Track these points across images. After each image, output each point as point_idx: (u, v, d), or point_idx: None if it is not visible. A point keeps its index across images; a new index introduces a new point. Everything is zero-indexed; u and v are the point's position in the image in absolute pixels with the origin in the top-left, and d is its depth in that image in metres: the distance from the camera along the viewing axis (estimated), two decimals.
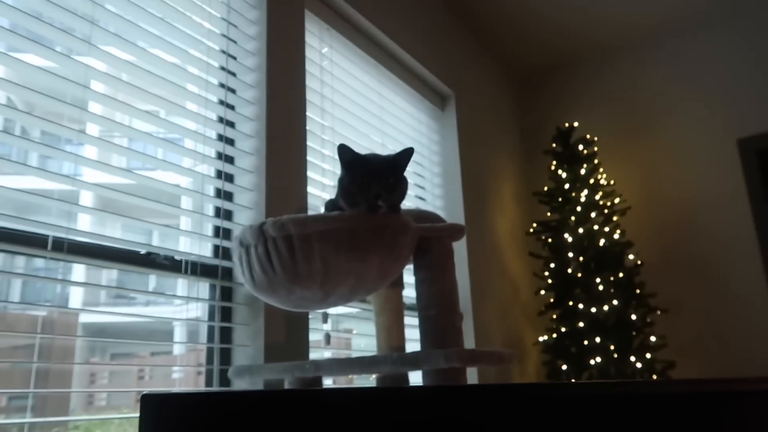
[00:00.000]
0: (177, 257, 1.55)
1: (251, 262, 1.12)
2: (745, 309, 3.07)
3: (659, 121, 3.51)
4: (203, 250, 1.65)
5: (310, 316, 1.81)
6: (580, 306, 2.85)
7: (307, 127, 2.01)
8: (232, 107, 1.83)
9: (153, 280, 1.82)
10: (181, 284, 1.69)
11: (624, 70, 3.69)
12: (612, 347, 2.75)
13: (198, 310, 1.67)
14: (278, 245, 1.09)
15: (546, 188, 3.23)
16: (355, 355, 1.25)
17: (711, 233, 3.22)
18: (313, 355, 1.83)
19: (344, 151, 1.19)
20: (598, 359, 2.73)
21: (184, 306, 1.66)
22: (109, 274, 1.61)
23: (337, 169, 2.16)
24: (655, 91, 3.56)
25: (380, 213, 1.14)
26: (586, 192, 3.07)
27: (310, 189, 1.97)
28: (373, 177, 1.14)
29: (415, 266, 1.32)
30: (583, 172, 3.12)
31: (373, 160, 1.20)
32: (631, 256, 2.98)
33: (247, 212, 1.74)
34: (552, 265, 3.02)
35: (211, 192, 1.75)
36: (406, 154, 1.21)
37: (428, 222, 1.37)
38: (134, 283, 1.65)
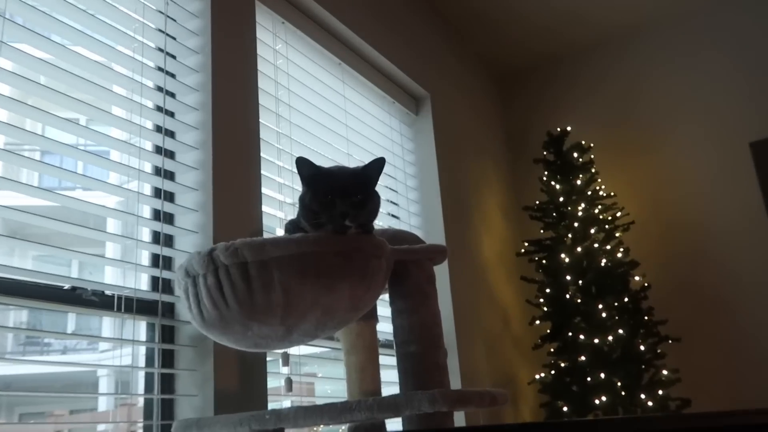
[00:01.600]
0: (108, 292, 1.53)
1: (199, 295, 1.12)
2: (767, 336, 3.15)
3: (663, 124, 3.62)
4: (139, 282, 1.63)
5: (267, 358, 1.80)
6: (581, 337, 2.89)
7: (261, 136, 2.02)
8: (171, 114, 1.82)
9: (71, 321, 1.79)
10: (109, 325, 1.66)
11: (623, 68, 3.80)
12: (619, 383, 2.79)
13: (130, 356, 1.65)
14: (231, 274, 1.08)
15: (538, 202, 3.28)
16: (321, 402, 1.25)
17: (726, 248, 3.31)
18: (273, 404, 1.81)
19: (303, 165, 1.20)
20: (604, 398, 2.76)
21: (111, 351, 1.63)
22: (18, 316, 1.58)
23: (297, 184, 2.16)
24: (658, 92, 3.67)
25: (349, 234, 1.15)
26: (583, 205, 3.13)
27: (265, 208, 1.97)
28: (338, 193, 1.15)
29: (391, 295, 1.33)
30: (579, 182, 3.19)
31: (337, 173, 1.21)
32: (637, 278, 3.04)
33: (191, 237, 1.73)
34: (547, 291, 3.06)
35: (147, 213, 1.74)
36: (377, 165, 1.23)
37: (405, 243, 1.38)
38: (48, 325, 1.62)
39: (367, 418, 1.14)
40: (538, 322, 3.06)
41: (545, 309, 3.05)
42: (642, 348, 2.85)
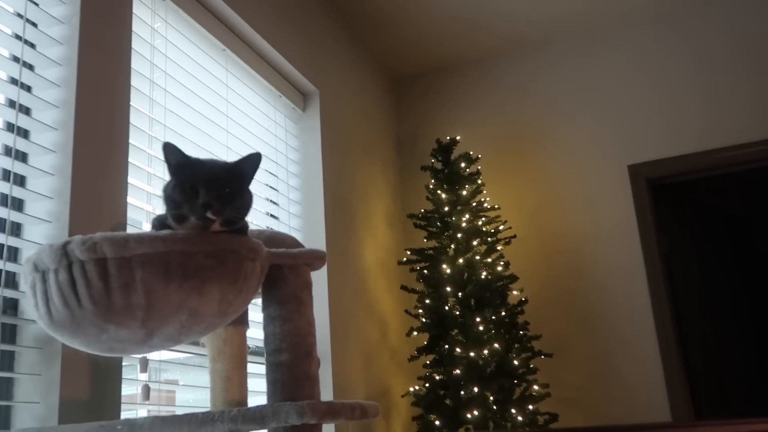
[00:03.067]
0: None
1: (48, 292, 1.07)
2: (634, 352, 3.41)
3: (548, 139, 3.83)
4: None
5: (124, 363, 1.74)
6: (458, 350, 2.99)
7: (132, 121, 1.95)
8: (27, 88, 1.72)
9: None
10: None
11: (513, 79, 3.99)
12: (491, 398, 2.91)
13: None
14: (87, 271, 1.04)
15: (423, 210, 3.36)
16: (181, 412, 1.22)
17: (601, 267, 3.56)
18: (127, 413, 1.75)
19: (170, 151, 1.17)
20: (476, 412, 2.87)
21: None
22: None
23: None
24: (544, 104, 3.88)
25: (213, 230, 1.13)
26: (467, 216, 3.24)
27: (131, 199, 1.90)
28: (203, 183, 1.12)
29: (265, 301, 1.33)
30: (465, 193, 3.30)
31: (206, 163, 1.19)
32: (515, 292, 3.19)
33: (42, 226, 1.65)
34: (427, 301, 3.14)
35: None
36: (252, 161, 1.21)
37: (282, 246, 1.38)
38: None
39: (231, 430, 1.13)
40: (415, 333, 3.14)
41: (424, 320, 3.13)
42: (516, 363, 2.98)
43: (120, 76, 1.91)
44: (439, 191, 3.33)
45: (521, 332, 3.09)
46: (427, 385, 3.06)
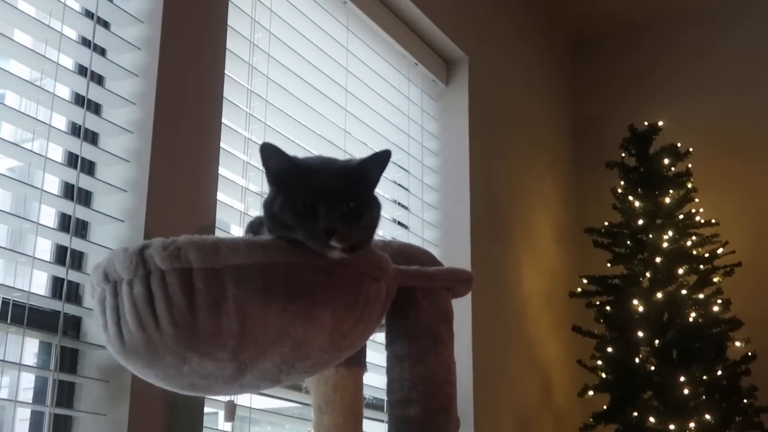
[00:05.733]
0: None
1: (120, 309, 1.13)
2: None
3: None
4: (33, 284, 1.64)
5: (205, 409, 1.81)
6: (651, 420, 2.90)
7: (226, 95, 2.03)
8: (101, 51, 1.84)
9: None
10: None
11: (742, 42, 3.82)
12: None
13: (7, 386, 1.66)
14: (168, 284, 1.10)
15: (607, 223, 3.29)
16: None
17: None
18: None
19: (271, 154, 1.20)
20: None
21: None
22: None
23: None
24: None
25: (332, 257, 1.16)
26: (671, 233, 3.14)
27: (221, 196, 1.98)
28: (321, 199, 1.15)
29: (390, 334, 1.34)
30: (668, 201, 3.20)
31: (320, 169, 1.21)
32: (738, 343, 3.05)
33: (113, 226, 1.75)
34: (609, 350, 3.07)
35: (55, 188, 1.76)
36: (379, 160, 1.24)
37: (414, 263, 1.40)
38: None
39: None
40: (591, 393, 3.07)
41: (604, 376, 3.06)
42: None
43: (213, 37, 1.99)
44: (630, 197, 3.25)
45: (745, 400, 2.95)
46: None
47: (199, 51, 1.95)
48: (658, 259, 3.11)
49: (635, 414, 2.96)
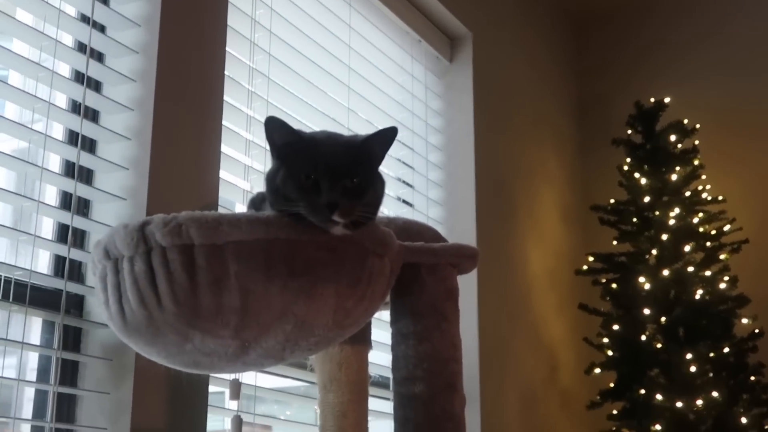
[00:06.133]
0: None
1: (122, 287, 1.13)
2: None
3: None
4: (36, 263, 1.64)
5: (211, 388, 1.81)
6: (658, 397, 2.90)
7: (227, 71, 2.02)
8: (100, 27, 1.83)
9: None
10: None
11: (751, 18, 3.79)
12: None
13: (14, 367, 1.66)
14: (170, 261, 1.09)
15: (613, 200, 3.28)
16: None
17: None
18: None
19: (275, 128, 1.20)
20: None
21: None
22: None
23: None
24: None
25: (334, 232, 1.16)
26: (677, 210, 3.13)
27: (224, 173, 1.98)
28: (324, 173, 1.15)
29: (395, 312, 1.34)
30: (674, 177, 3.19)
31: (325, 143, 1.21)
32: (744, 320, 3.05)
33: (115, 204, 1.74)
34: (615, 327, 3.07)
35: (56, 166, 1.75)
36: (385, 137, 1.23)
37: (419, 240, 1.39)
38: None
39: None
40: (598, 370, 3.07)
41: (610, 353, 3.06)
42: (743, 420, 2.85)
43: (214, 12, 1.98)
44: (637, 174, 3.24)
45: (752, 377, 2.95)
46: None
47: (200, 27, 1.94)
48: (664, 237, 3.11)
49: (642, 391, 2.97)
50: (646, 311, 3.03)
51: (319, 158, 1.16)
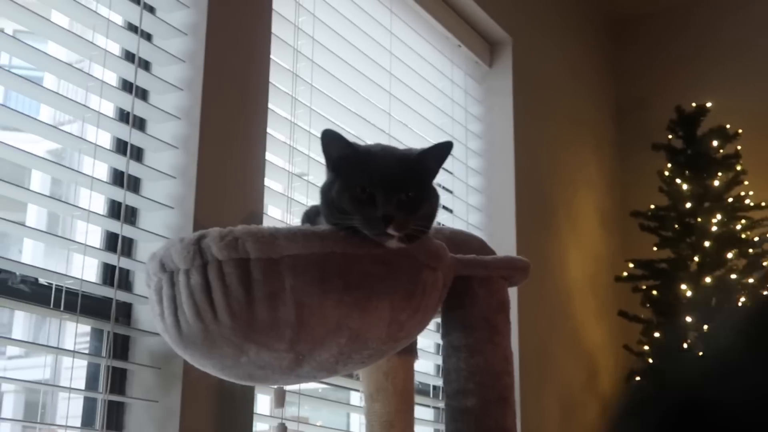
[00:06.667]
0: (43, 280, 1.55)
1: (178, 299, 1.14)
2: None
3: None
4: (86, 271, 1.66)
5: (257, 393, 1.82)
6: None
7: (271, 79, 2.03)
8: (147, 36, 1.84)
9: None
10: (24, 323, 1.69)
11: None
12: None
13: (51, 370, 1.67)
14: (226, 275, 1.10)
15: (653, 206, 3.26)
16: None
17: None
18: None
19: (331, 141, 1.21)
20: None
21: (23, 359, 1.66)
22: None
23: (315, 152, 2.18)
24: None
25: (389, 246, 1.16)
26: (719, 217, 3.11)
27: (268, 181, 1.99)
28: (380, 186, 1.15)
29: (446, 324, 1.34)
30: (716, 183, 3.17)
31: (380, 156, 1.22)
32: None
33: (161, 213, 1.76)
34: (656, 335, 3.05)
35: (104, 174, 1.76)
36: (440, 151, 1.25)
37: (466, 251, 1.39)
38: None
39: None
40: (638, 379, 3.05)
41: (650, 361, 3.04)
42: None
43: (258, 21, 1.99)
44: (678, 180, 3.22)
45: None
46: None
47: (245, 36, 1.95)
48: (706, 243, 3.09)
49: None
50: (688, 319, 3.01)
51: (374, 171, 1.17)
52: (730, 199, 3.17)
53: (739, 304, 2.97)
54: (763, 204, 3.21)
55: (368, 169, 1.17)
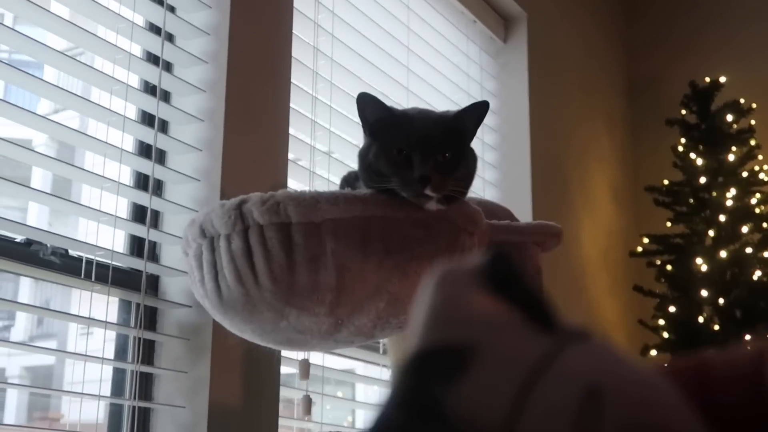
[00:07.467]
0: (74, 252, 1.57)
1: (219, 264, 1.15)
2: None
3: None
4: (114, 242, 1.67)
5: (282, 366, 1.83)
6: None
7: (294, 54, 2.04)
8: (171, 8, 1.84)
9: (24, 286, 1.85)
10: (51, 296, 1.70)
11: None
12: None
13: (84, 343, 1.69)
14: (267, 239, 1.11)
15: (667, 181, 3.27)
16: None
17: None
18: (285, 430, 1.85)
19: (367, 104, 1.22)
20: None
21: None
22: None
23: (336, 125, 2.19)
24: None
25: (428, 208, 1.17)
26: (734, 191, 3.12)
27: (292, 154, 1.99)
28: (416, 147, 1.16)
29: None
30: (731, 158, 3.17)
31: (417, 119, 1.23)
32: None
33: (187, 186, 1.76)
34: (671, 309, 3.06)
35: (129, 146, 1.77)
36: (476, 111, 1.26)
37: (496, 218, 1.39)
38: None
39: None
40: (654, 353, 3.07)
41: (666, 336, 3.06)
42: None
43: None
44: (692, 155, 3.23)
45: None
46: None
47: (268, 9, 1.96)
48: (721, 218, 3.09)
49: None
50: (704, 293, 3.02)
51: (411, 133, 1.17)
52: (745, 174, 3.18)
53: (755, 277, 2.99)
54: None
55: (404, 131, 1.18)
